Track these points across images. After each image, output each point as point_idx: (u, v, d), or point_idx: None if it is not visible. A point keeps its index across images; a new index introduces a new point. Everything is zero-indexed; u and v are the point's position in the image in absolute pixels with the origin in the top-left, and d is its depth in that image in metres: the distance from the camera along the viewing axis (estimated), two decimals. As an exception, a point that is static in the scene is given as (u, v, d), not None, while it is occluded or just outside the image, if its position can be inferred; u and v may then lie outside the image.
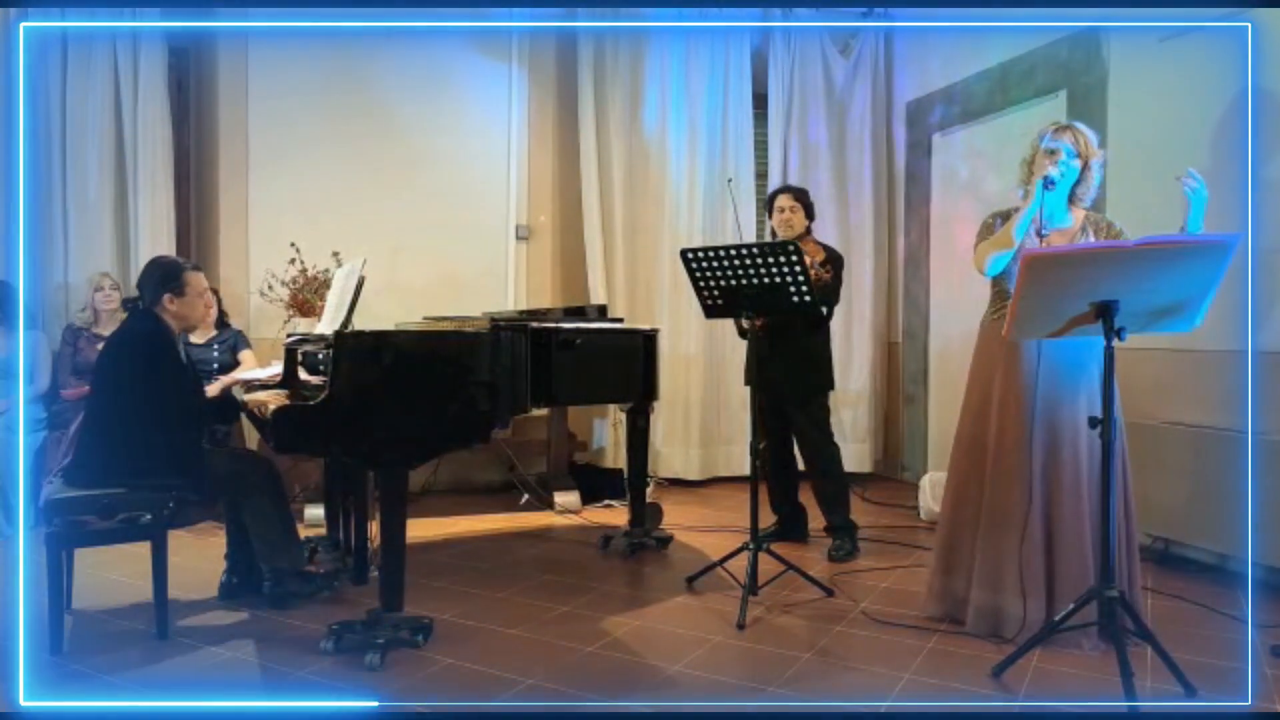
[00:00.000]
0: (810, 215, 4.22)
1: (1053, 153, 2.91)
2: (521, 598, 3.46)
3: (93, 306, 4.70)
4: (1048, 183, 2.84)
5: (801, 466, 4.30)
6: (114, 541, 3.13)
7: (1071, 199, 3.00)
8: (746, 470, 3.60)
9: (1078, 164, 2.93)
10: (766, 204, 4.39)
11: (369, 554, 3.48)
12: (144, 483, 3.01)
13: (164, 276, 3.17)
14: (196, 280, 3.22)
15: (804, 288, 3.23)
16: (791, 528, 4.30)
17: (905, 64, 6.02)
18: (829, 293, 4.00)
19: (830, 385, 4.22)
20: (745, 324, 4.07)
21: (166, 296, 3.15)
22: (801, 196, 4.22)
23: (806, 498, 4.29)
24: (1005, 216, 3.07)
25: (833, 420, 4.29)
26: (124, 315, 4.66)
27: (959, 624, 3.03)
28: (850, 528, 4.15)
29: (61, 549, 2.98)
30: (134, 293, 3.26)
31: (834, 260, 4.06)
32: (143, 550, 3.02)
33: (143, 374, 3.05)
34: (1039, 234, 2.89)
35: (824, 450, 4.15)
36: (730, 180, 5.04)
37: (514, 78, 5.68)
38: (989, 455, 2.99)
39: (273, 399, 3.14)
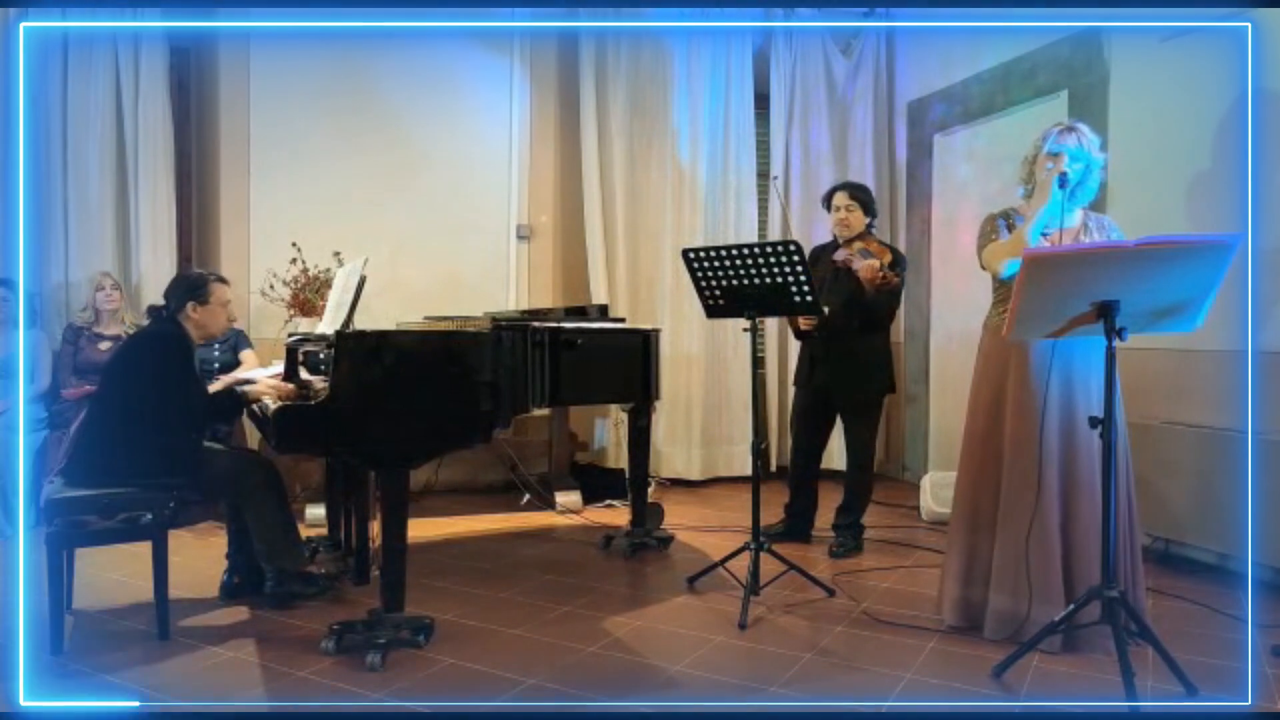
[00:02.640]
0: (870, 212, 4.13)
1: (1056, 155, 2.91)
2: (523, 598, 3.46)
3: (94, 306, 4.70)
4: (1063, 181, 2.84)
5: (826, 465, 4.31)
6: (114, 541, 3.13)
7: (1073, 198, 2.99)
8: (748, 470, 3.60)
9: (1080, 166, 2.93)
10: (824, 202, 4.32)
11: (370, 554, 3.48)
12: (141, 482, 3.01)
13: (191, 285, 3.28)
14: (221, 291, 3.31)
15: (805, 288, 3.23)
16: (795, 528, 4.30)
17: (907, 64, 6.02)
18: (896, 296, 4.00)
19: (890, 388, 4.21)
20: (803, 326, 4.06)
21: (190, 304, 3.22)
22: (859, 193, 4.14)
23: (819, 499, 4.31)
24: (1006, 216, 3.06)
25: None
26: (125, 315, 4.72)
27: (980, 630, 2.99)
28: (858, 528, 4.17)
29: (62, 549, 2.97)
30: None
31: (900, 261, 4.02)
32: (143, 550, 3.02)
33: (156, 376, 3.08)
34: (1044, 234, 2.90)
35: (863, 456, 4.16)
36: (776, 178, 4.98)
37: (515, 77, 5.68)
38: (1005, 458, 2.95)
39: (273, 390, 3.14)
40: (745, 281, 3.30)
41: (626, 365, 4.00)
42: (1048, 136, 2.96)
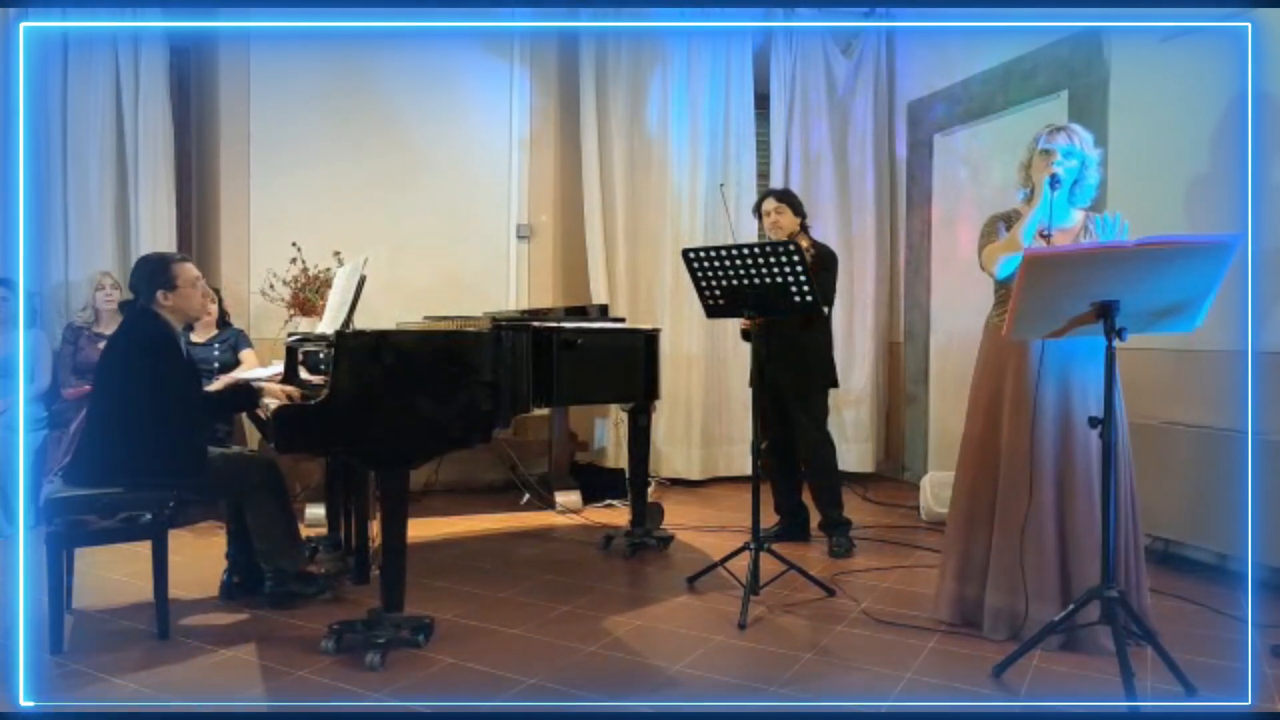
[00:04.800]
0: (799, 213, 4.20)
1: (1048, 153, 2.92)
2: (522, 597, 3.46)
3: (94, 305, 4.70)
4: (1054, 182, 2.84)
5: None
6: (114, 541, 3.13)
7: (1071, 198, 3.00)
8: (748, 470, 3.60)
9: (1074, 163, 2.94)
10: (754, 212, 4.39)
11: (370, 553, 3.48)
12: (144, 482, 3.00)
13: (153, 273, 3.14)
14: (186, 271, 3.17)
15: (805, 287, 3.23)
16: (793, 528, 4.30)
17: (907, 64, 6.03)
18: (826, 290, 3.99)
19: (832, 383, 4.22)
20: (744, 324, 4.09)
21: (160, 293, 3.12)
22: (785, 197, 4.22)
23: (809, 497, 4.30)
24: (1008, 218, 3.07)
25: (834, 420, 4.31)
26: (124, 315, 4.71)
27: (975, 628, 3.00)
28: (843, 524, 4.16)
29: (62, 548, 2.97)
30: (123, 300, 3.25)
31: (823, 258, 4.05)
32: (143, 550, 3.02)
33: (143, 374, 3.04)
34: (1043, 235, 2.90)
35: (820, 448, 4.16)
36: (722, 185, 5.04)
37: (516, 77, 5.69)
38: (1002, 457, 2.96)
39: (283, 393, 3.14)
40: (745, 281, 3.30)
41: (627, 365, 4.00)
42: (1039, 138, 2.98)
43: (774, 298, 3.30)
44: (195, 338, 4.63)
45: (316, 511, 4.40)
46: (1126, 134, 4.17)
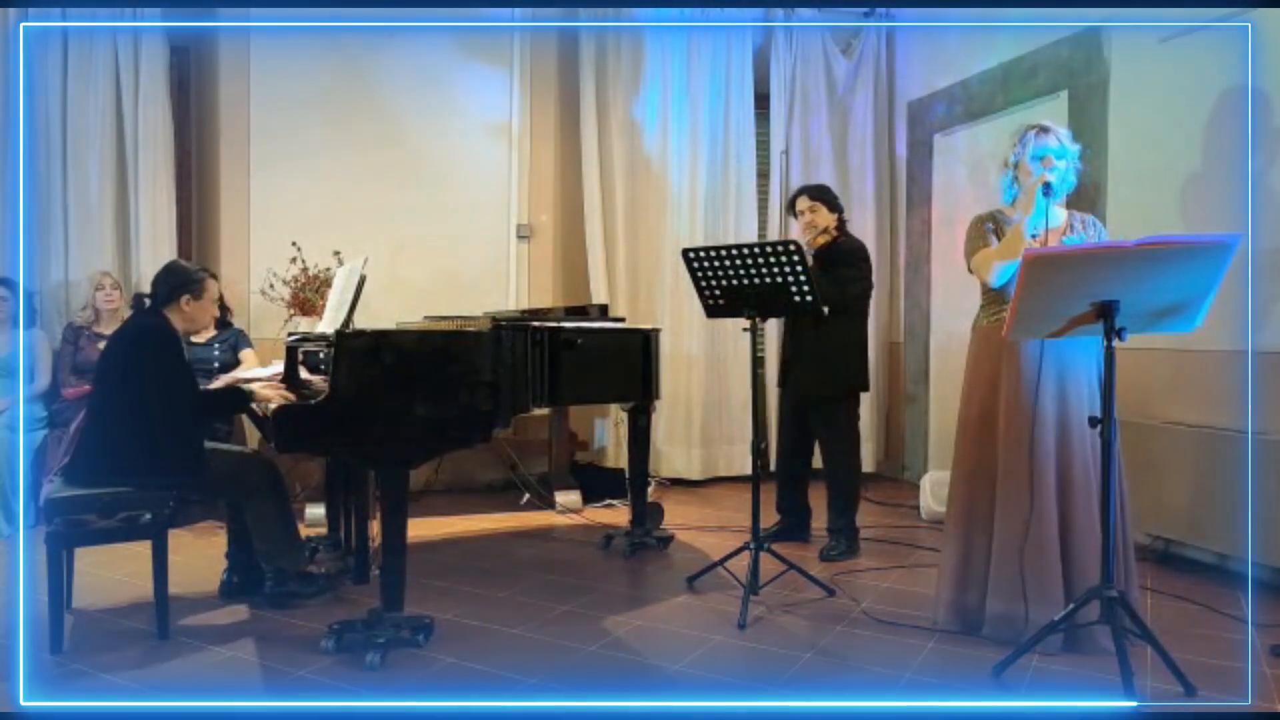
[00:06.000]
0: (835, 209, 4.13)
1: (1043, 158, 2.92)
2: (522, 597, 3.46)
3: (94, 305, 4.70)
4: (1047, 189, 2.85)
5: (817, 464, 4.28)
6: (114, 540, 3.13)
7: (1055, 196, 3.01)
8: (748, 470, 3.60)
9: (1065, 164, 2.95)
10: (788, 209, 4.33)
11: (370, 553, 3.48)
12: (145, 481, 3.01)
13: (185, 279, 3.25)
14: (214, 286, 3.33)
15: (805, 287, 3.23)
16: (794, 528, 4.29)
17: (907, 63, 6.03)
18: (846, 287, 3.94)
19: (858, 386, 4.11)
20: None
21: (185, 297, 3.20)
22: (819, 194, 4.15)
23: (811, 499, 4.30)
24: (993, 219, 3.07)
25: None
26: (125, 315, 4.70)
27: (978, 633, 2.99)
28: (851, 532, 4.11)
29: (62, 548, 2.97)
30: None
31: (848, 253, 4.00)
32: (143, 549, 3.02)
33: (148, 371, 3.06)
34: (1031, 235, 2.90)
35: (838, 456, 4.10)
36: (784, 152, 4.94)
37: (515, 77, 5.68)
38: (999, 461, 2.95)
39: (277, 395, 3.14)
40: (745, 281, 3.30)
41: (626, 365, 4.00)
42: (1025, 141, 2.98)
43: (774, 298, 3.30)
44: (195, 338, 4.63)
45: (316, 511, 4.40)
46: (1126, 134, 4.17)
